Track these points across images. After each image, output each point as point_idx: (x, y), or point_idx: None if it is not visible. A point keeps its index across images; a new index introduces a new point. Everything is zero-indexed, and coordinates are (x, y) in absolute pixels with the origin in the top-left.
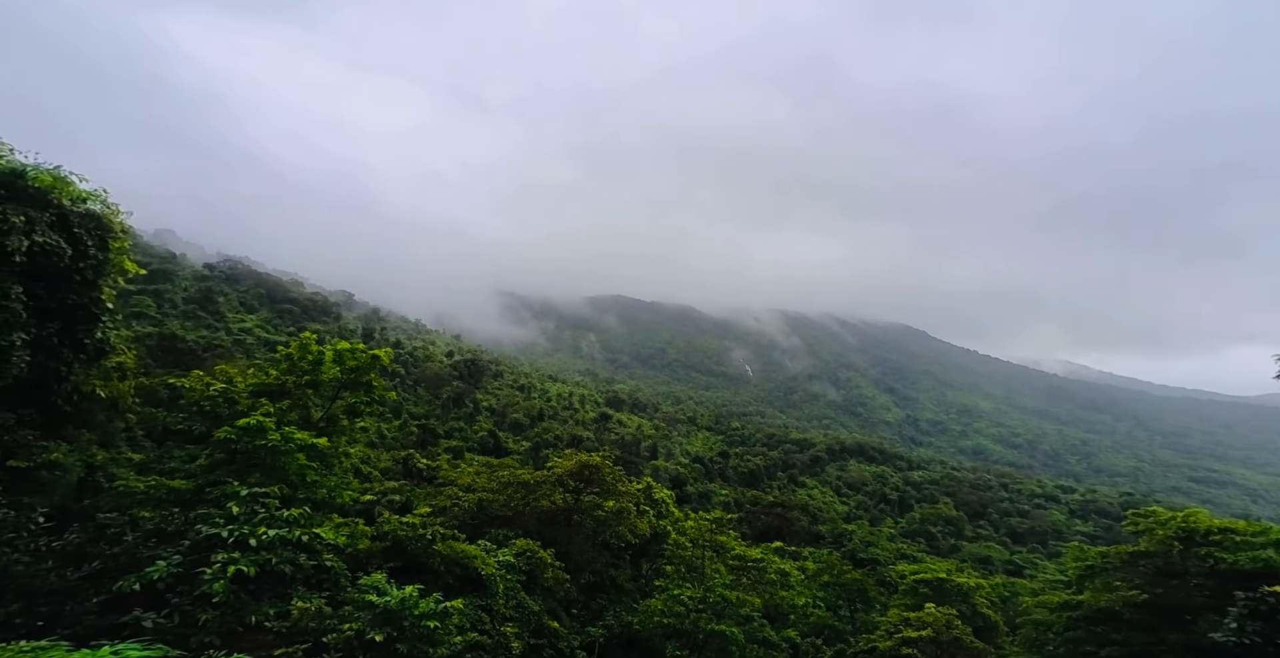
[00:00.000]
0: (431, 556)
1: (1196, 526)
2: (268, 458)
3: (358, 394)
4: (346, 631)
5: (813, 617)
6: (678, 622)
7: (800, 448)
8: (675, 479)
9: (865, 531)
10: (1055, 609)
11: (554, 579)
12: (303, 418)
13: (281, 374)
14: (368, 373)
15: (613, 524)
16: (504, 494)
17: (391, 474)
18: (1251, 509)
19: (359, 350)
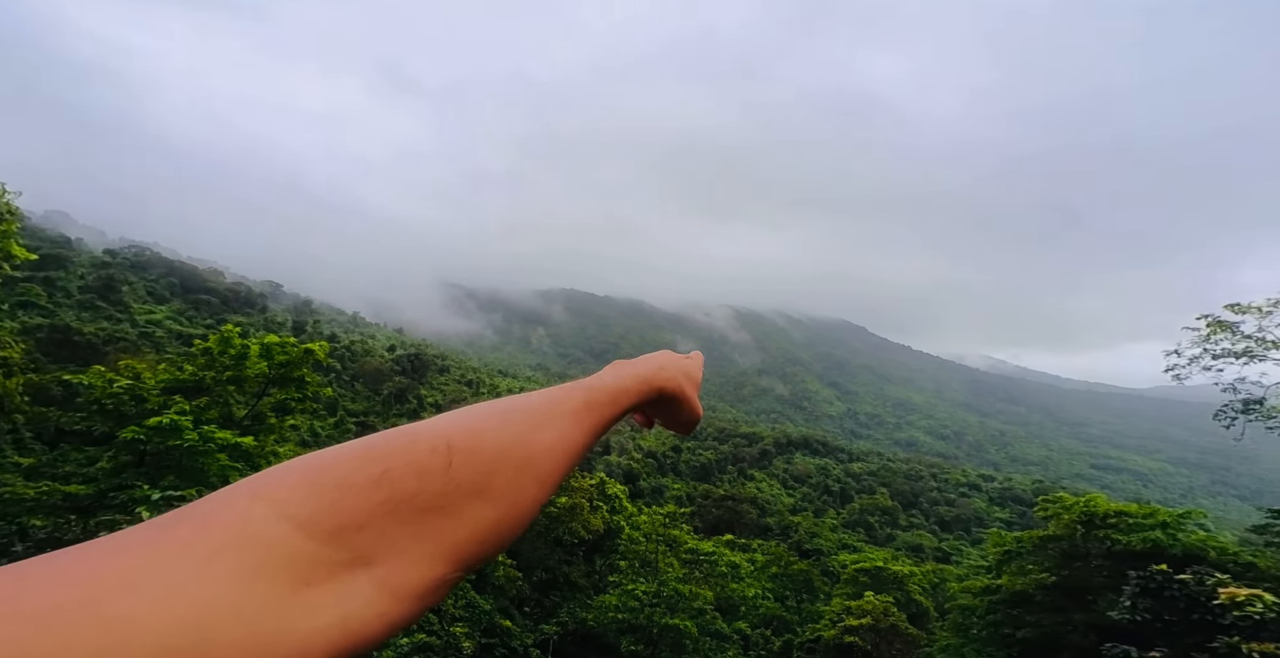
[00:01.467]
0: None
1: (1096, 510)
2: (183, 459)
3: (288, 391)
4: None
5: (762, 608)
6: (632, 617)
7: (749, 442)
8: (628, 474)
9: (810, 522)
10: (978, 594)
11: (505, 577)
12: (224, 416)
13: (199, 370)
14: (299, 368)
15: (565, 521)
16: None
17: None
18: (1143, 493)
19: (289, 344)
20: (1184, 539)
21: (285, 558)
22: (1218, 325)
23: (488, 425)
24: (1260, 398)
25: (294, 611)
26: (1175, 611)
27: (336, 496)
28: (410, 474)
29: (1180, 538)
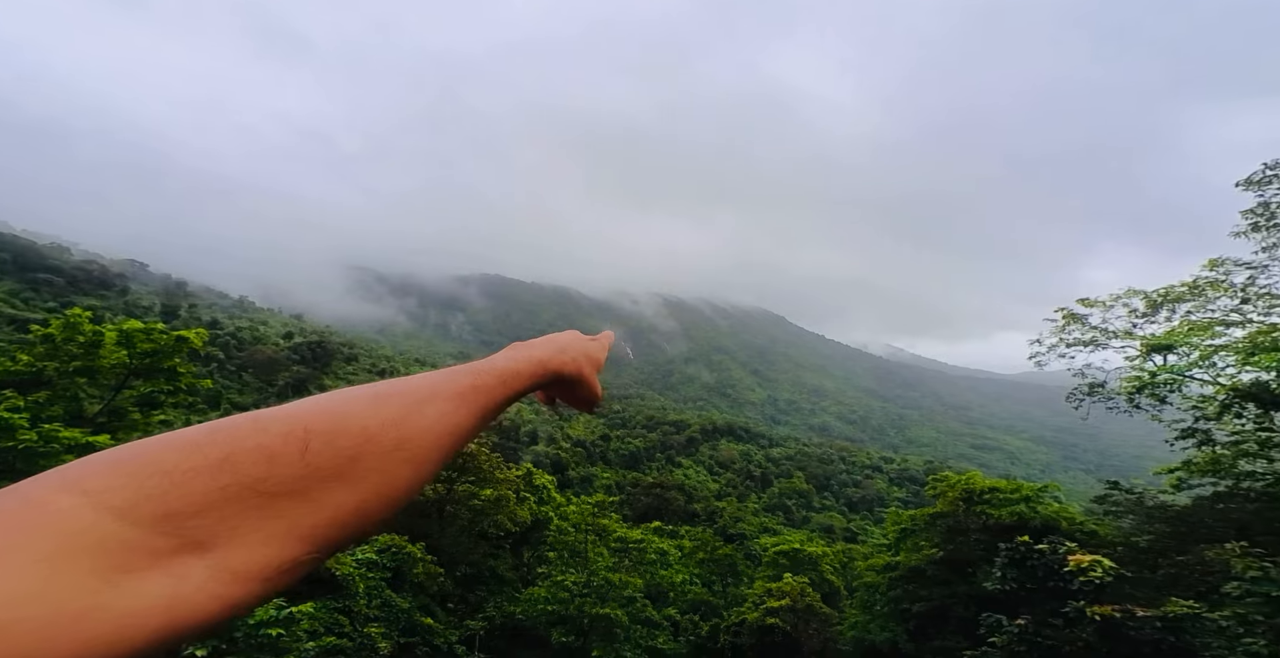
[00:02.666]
0: None
1: (974, 487)
2: (18, 463)
3: (155, 383)
4: None
5: (690, 594)
6: (562, 608)
7: (677, 429)
8: (557, 464)
9: (734, 507)
10: (880, 571)
11: (425, 574)
12: (71, 413)
13: (37, 360)
14: (170, 358)
15: (491, 513)
16: None
17: None
18: (1011, 470)
19: (156, 331)
20: (1042, 511)
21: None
22: (1071, 317)
23: (355, 409)
24: (1103, 382)
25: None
26: (1036, 579)
27: (163, 482)
28: (258, 460)
29: (1039, 510)
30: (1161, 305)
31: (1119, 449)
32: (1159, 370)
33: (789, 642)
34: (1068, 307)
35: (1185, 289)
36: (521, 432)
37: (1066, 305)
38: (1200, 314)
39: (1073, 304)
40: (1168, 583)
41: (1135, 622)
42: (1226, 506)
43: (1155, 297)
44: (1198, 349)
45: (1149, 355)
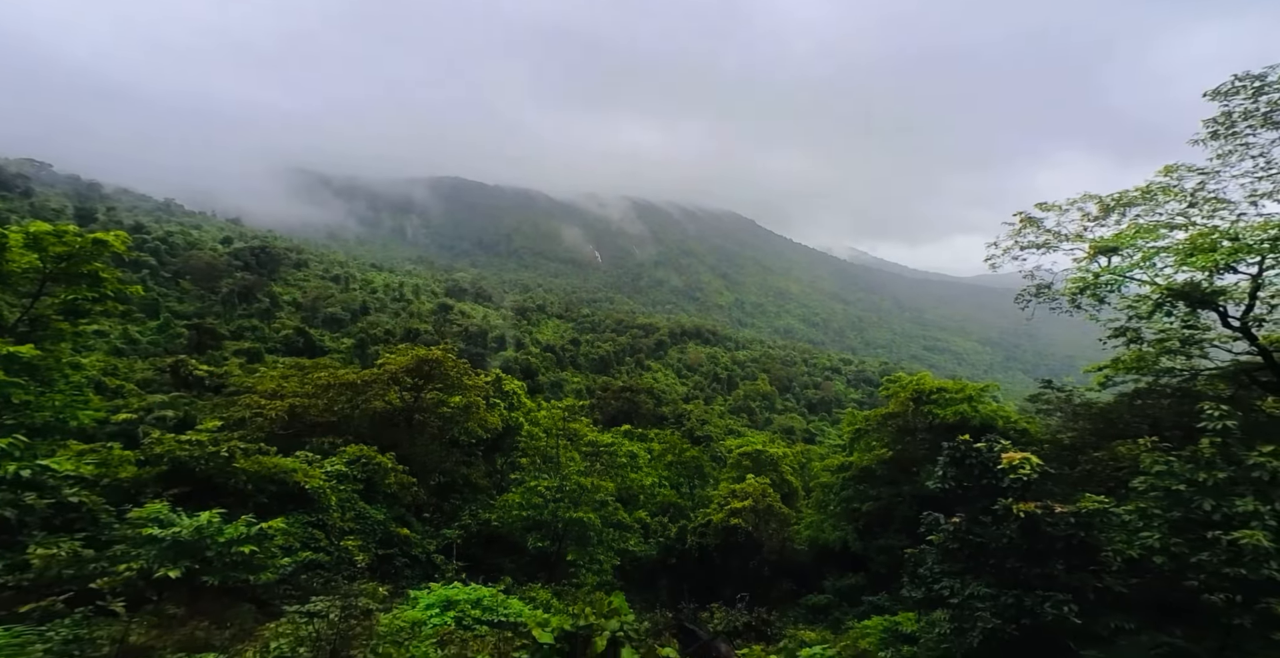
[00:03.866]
0: (232, 475)
1: (924, 387)
2: None
3: (77, 289)
4: (124, 571)
5: (659, 496)
6: (536, 513)
7: (646, 333)
8: (527, 370)
9: (701, 409)
10: (834, 472)
11: (398, 484)
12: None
13: None
14: (88, 262)
15: (461, 421)
16: (324, 398)
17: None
18: (957, 370)
19: (69, 233)
20: (982, 411)
21: None
22: (1027, 221)
23: None
24: (1049, 283)
25: None
26: (972, 477)
27: None
28: None
29: (980, 410)
30: (1113, 209)
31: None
32: (1102, 272)
33: (750, 542)
34: (1025, 211)
35: (1138, 194)
36: (489, 337)
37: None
38: (1149, 218)
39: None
40: (1084, 479)
41: (1053, 519)
42: (1145, 402)
43: (1109, 201)
44: (1141, 251)
45: (1095, 257)
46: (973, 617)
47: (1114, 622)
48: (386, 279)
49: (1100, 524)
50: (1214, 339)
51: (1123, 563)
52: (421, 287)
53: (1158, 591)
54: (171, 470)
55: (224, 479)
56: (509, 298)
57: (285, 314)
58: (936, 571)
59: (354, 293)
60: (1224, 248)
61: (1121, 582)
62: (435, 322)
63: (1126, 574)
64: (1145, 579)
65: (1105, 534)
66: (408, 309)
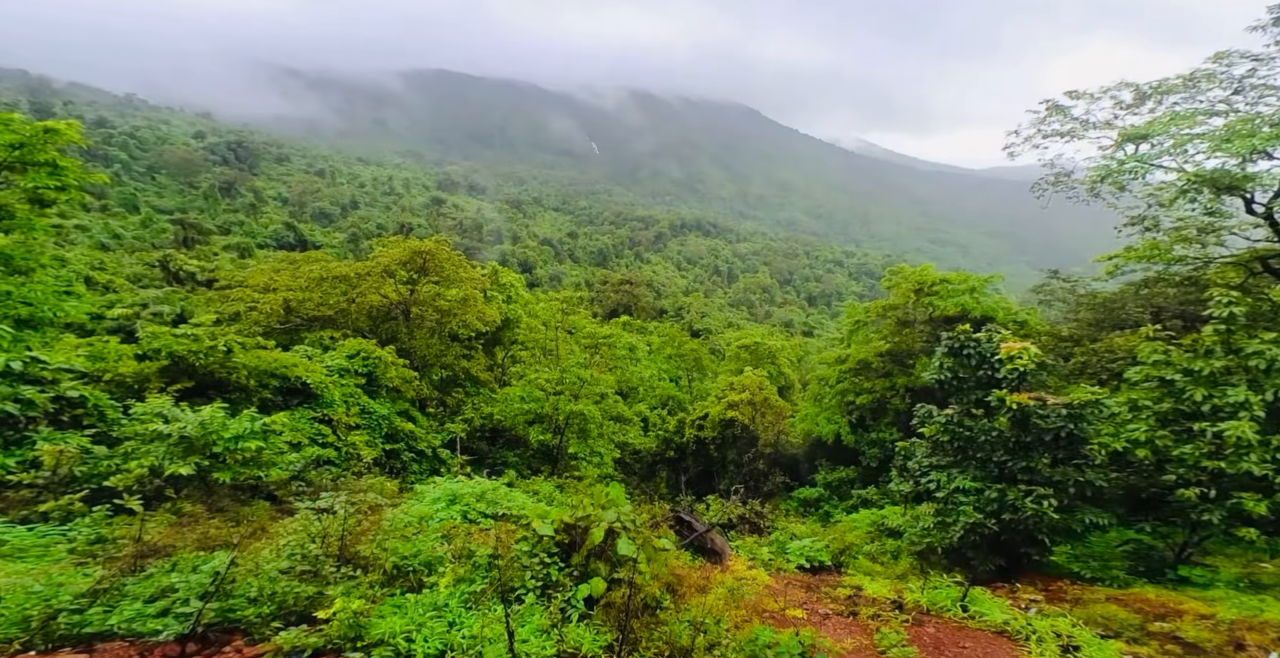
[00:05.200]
0: (233, 370)
1: (926, 279)
2: None
3: (35, 177)
4: (135, 469)
5: (659, 389)
6: (538, 407)
7: (645, 225)
8: (524, 263)
9: (701, 302)
10: (831, 364)
11: (399, 378)
12: None
13: None
14: (41, 150)
15: (458, 313)
16: (318, 292)
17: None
18: (961, 263)
19: (15, 121)
20: (984, 302)
21: None
22: (1054, 109)
23: None
24: (1069, 172)
25: None
26: (970, 368)
27: None
28: None
29: (981, 301)
30: (1149, 97)
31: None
32: (1128, 160)
33: (747, 434)
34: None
35: (1179, 81)
36: (484, 231)
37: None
38: (1187, 105)
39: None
40: (1078, 371)
41: (1044, 411)
42: (1151, 291)
43: (1146, 88)
44: (1173, 138)
45: (1122, 145)
46: (956, 511)
47: (1089, 517)
48: (375, 173)
49: (1090, 416)
50: (1234, 227)
51: (1106, 456)
52: (412, 180)
53: (1135, 485)
54: (172, 365)
55: (225, 374)
56: (504, 191)
57: (271, 209)
58: (925, 464)
59: (342, 187)
60: (1264, 133)
61: (1103, 476)
62: (428, 215)
63: (1108, 468)
64: (1125, 473)
65: (1094, 427)
66: (399, 203)
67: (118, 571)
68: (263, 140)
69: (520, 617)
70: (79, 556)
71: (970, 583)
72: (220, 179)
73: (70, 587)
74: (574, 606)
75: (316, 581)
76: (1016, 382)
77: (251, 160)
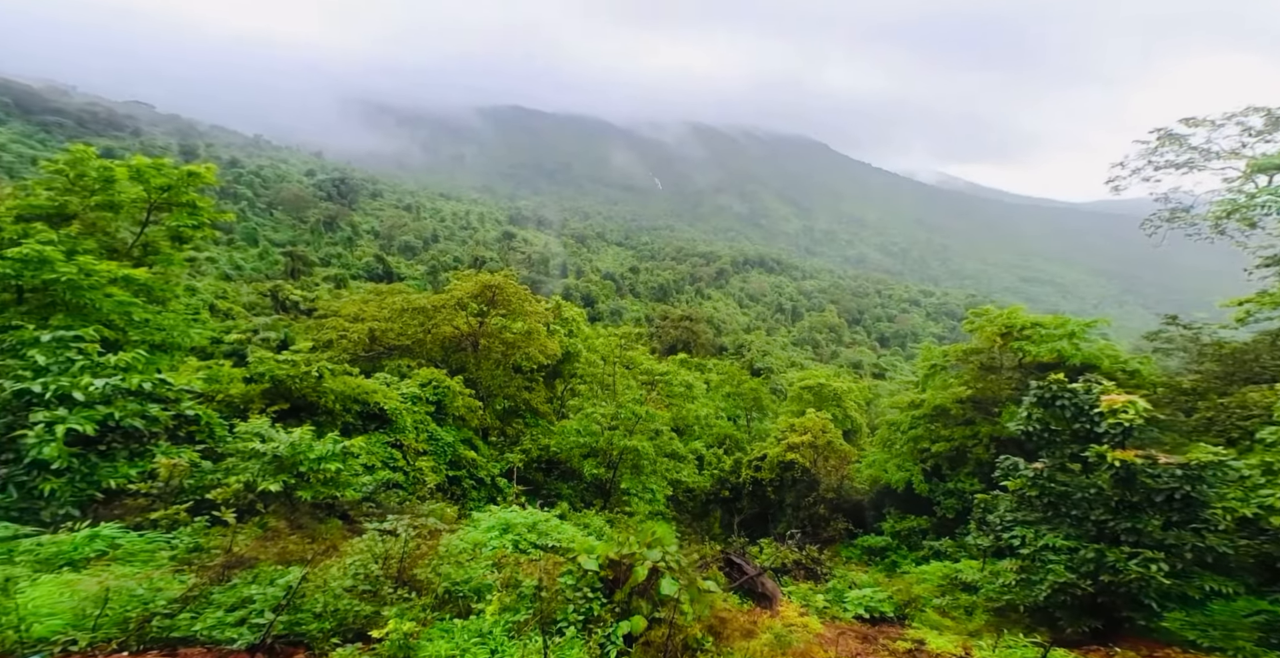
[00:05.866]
0: (323, 394)
1: (1014, 322)
2: (67, 295)
3: (178, 216)
4: (234, 483)
5: (716, 428)
6: (593, 441)
7: (707, 261)
8: (586, 297)
9: (763, 340)
10: (904, 409)
11: (466, 408)
12: (106, 247)
13: (58, 195)
14: (185, 192)
15: (522, 346)
16: (399, 322)
17: (260, 309)
18: (1060, 304)
19: (164, 166)
20: (1084, 349)
21: None
22: (1168, 138)
23: None
24: (1188, 206)
25: None
26: (1064, 420)
27: None
28: None
29: (1082, 348)
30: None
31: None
32: (1260, 192)
33: (807, 478)
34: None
35: None
36: (550, 264)
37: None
38: None
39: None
40: (1202, 428)
41: (1154, 470)
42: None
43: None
44: None
45: (1252, 177)
46: (1044, 569)
47: (1210, 584)
48: (454, 208)
49: (1212, 478)
50: None
51: (1233, 522)
52: (486, 214)
53: (1268, 554)
54: (272, 388)
55: (315, 398)
56: (570, 225)
57: (365, 242)
58: (1009, 519)
59: (425, 222)
60: None
61: (1228, 542)
62: (499, 249)
63: (1235, 534)
64: (1257, 541)
65: (1216, 490)
66: (474, 237)
67: (208, 579)
68: (361, 176)
69: (560, 650)
70: (178, 562)
71: (1052, 644)
72: (325, 214)
73: (167, 592)
74: (613, 642)
75: (375, 600)
76: (1120, 437)
77: (351, 196)
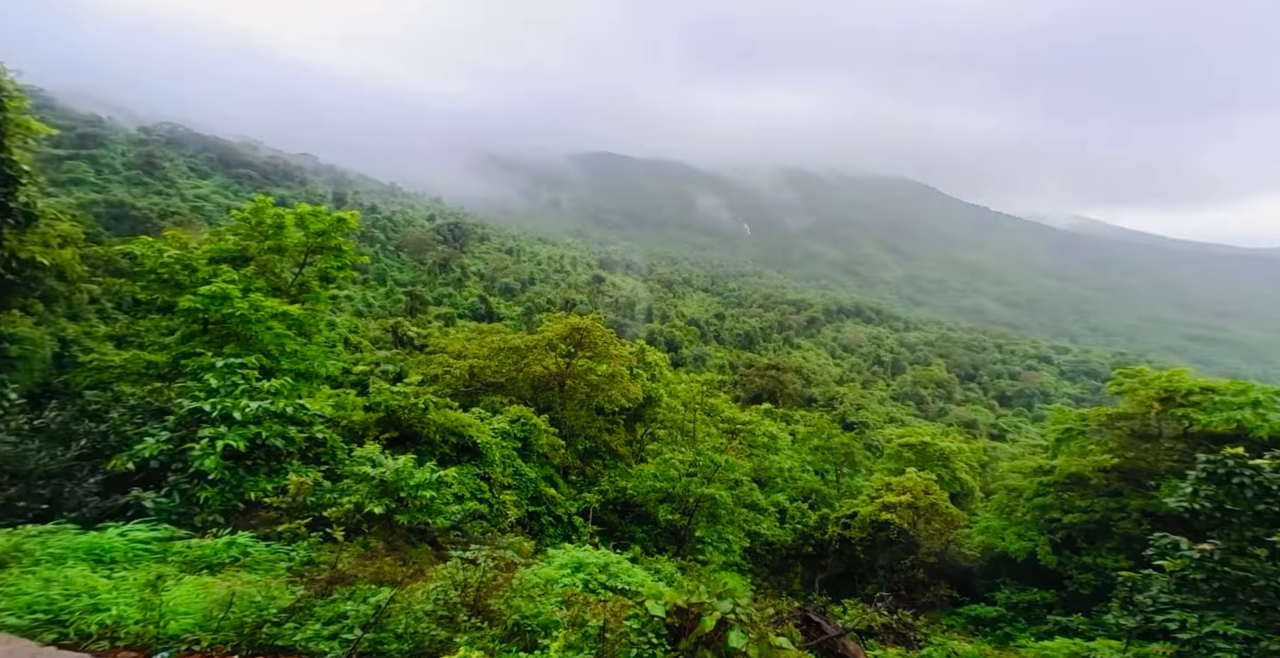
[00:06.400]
0: (426, 425)
1: (1178, 386)
2: (239, 327)
3: (327, 259)
4: (346, 504)
5: (800, 481)
6: (670, 486)
7: (797, 309)
8: (670, 342)
9: (857, 393)
10: (1029, 475)
11: (549, 446)
12: (272, 285)
13: (241, 240)
14: (334, 237)
15: (606, 388)
16: (495, 360)
17: (382, 343)
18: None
19: (321, 213)
20: (1275, 420)
21: None
22: None
23: None
24: None
25: None
26: (1243, 500)
27: None
28: None
29: (1271, 419)
30: None
31: None
32: None
33: (905, 540)
34: None
35: None
36: (636, 308)
37: None
38: None
39: None
40: None
41: None
42: None
43: None
44: None
45: None
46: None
47: None
48: (549, 251)
49: None
50: None
51: None
52: (578, 258)
53: None
54: (386, 417)
55: (420, 428)
56: (656, 270)
57: (472, 283)
58: (1164, 600)
59: (524, 264)
60: None
61: None
62: (589, 292)
63: None
64: None
65: None
66: (566, 280)
67: (313, 592)
68: (472, 221)
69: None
70: (291, 574)
71: None
72: (440, 256)
73: (279, 601)
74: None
75: (450, 627)
76: None
77: (463, 239)
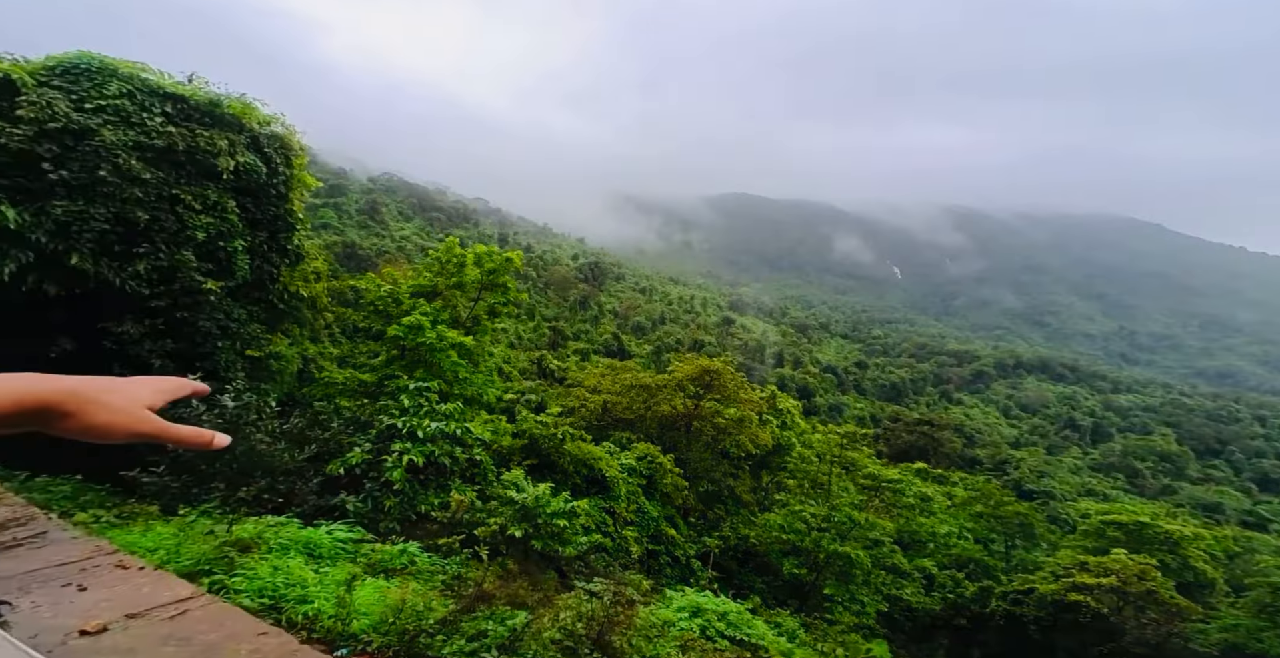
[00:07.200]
0: (562, 455)
1: None
2: (427, 355)
3: (495, 295)
4: (493, 524)
5: (956, 548)
6: (797, 539)
7: (959, 361)
8: (803, 389)
9: (1039, 459)
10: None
11: (673, 486)
12: (453, 318)
13: (434, 276)
14: (503, 274)
15: (733, 433)
16: (627, 397)
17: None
18: None
19: (494, 253)
20: None
21: None
22: None
23: None
24: None
25: None
26: None
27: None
28: None
29: None
30: None
31: None
32: None
33: (1102, 625)
34: None
35: None
36: (767, 352)
37: None
38: None
39: None
40: None
41: None
42: None
43: None
44: None
45: None
46: None
47: None
48: (680, 292)
49: None
50: None
51: None
52: (709, 300)
53: None
54: (528, 445)
55: (557, 458)
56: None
57: (607, 320)
58: None
59: (655, 304)
60: None
61: None
62: (718, 334)
63: None
64: None
65: None
66: (696, 321)
67: (460, 607)
68: (610, 261)
69: None
70: (444, 586)
71: None
72: (581, 294)
73: (436, 612)
74: None
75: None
76: None
77: (601, 278)
